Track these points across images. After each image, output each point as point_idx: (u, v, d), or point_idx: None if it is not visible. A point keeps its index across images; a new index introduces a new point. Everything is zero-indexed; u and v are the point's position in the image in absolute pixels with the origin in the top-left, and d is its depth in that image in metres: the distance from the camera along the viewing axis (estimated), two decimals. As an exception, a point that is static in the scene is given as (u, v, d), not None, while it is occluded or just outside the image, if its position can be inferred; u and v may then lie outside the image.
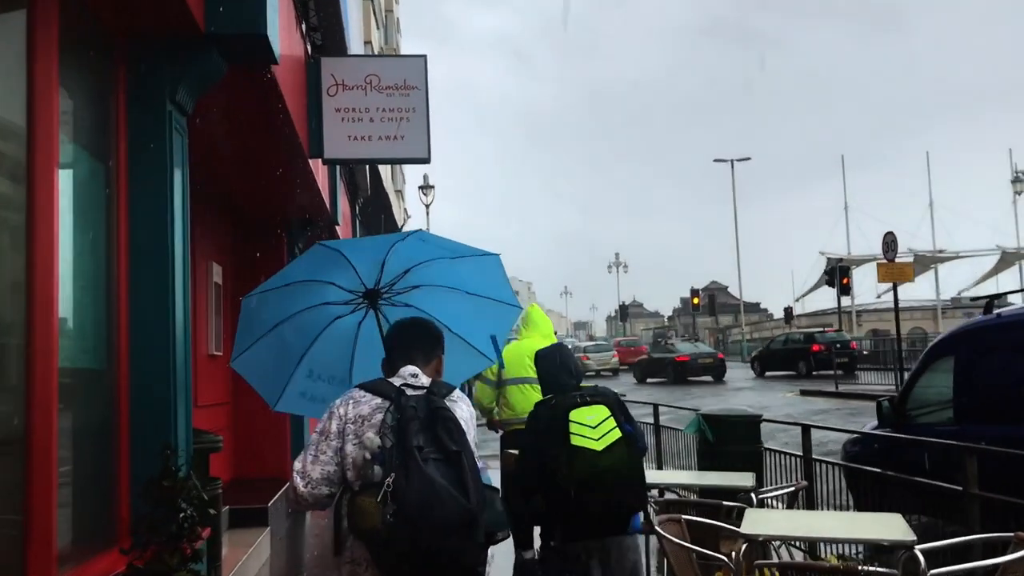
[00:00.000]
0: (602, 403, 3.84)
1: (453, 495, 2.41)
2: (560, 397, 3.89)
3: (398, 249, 3.51)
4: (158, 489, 3.33)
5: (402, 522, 2.36)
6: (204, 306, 8.17)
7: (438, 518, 2.38)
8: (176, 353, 4.22)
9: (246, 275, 9.38)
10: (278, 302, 3.65)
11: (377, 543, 2.43)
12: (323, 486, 2.64)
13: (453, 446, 2.51)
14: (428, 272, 3.66)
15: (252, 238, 9.50)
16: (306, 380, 3.76)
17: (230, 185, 8.10)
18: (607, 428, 3.73)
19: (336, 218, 10.16)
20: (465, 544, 2.45)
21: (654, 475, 6.81)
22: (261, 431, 9.34)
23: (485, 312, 3.83)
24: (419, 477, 2.40)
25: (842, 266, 34.87)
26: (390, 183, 28.32)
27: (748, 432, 7.41)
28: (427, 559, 2.41)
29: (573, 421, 3.71)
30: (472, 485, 2.47)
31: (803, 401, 21.01)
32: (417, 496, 2.38)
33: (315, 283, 3.59)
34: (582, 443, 3.66)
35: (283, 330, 3.63)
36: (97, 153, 4.04)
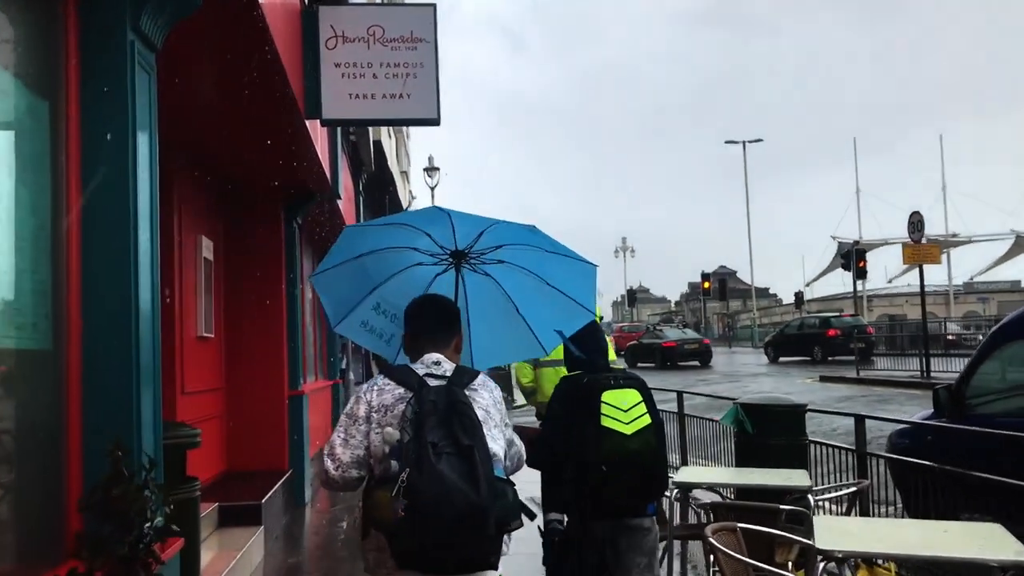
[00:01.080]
0: (635, 387, 3.83)
1: (463, 490, 2.46)
2: (592, 376, 3.85)
3: (501, 225, 3.48)
4: (104, 500, 2.63)
5: (413, 516, 2.43)
6: (193, 283, 7.47)
7: (447, 513, 2.43)
8: (140, 332, 3.50)
9: (240, 251, 8.69)
10: (374, 236, 3.69)
11: (393, 536, 2.51)
12: (353, 469, 2.73)
13: (466, 440, 2.55)
14: (518, 253, 3.66)
15: (246, 212, 8.77)
16: (371, 311, 3.77)
17: (219, 151, 7.38)
18: (638, 413, 3.73)
19: (337, 191, 9.43)
20: (475, 537, 2.51)
21: (692, 473, 6.09)
22: (257, 419, 8.66)
23: (559, 306, 3.79)
24: (431, 473, 2.45)
25: (859, 249, 34.18)
26: (395, 163, 27.58)
27: (791, 423, 6.70)
28: (438, 551, 2.50)
29: (606, 403, 3.70)
30: (483, 479, 2.50)
31: (823, 388, 20.25)
32: (428, 492, 2.43)
33: (413, 229, 3.58)
34: (613, 425, 3.66)
35: (366, 260, 3.64)
36: (38, 87, 3.32)
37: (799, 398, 16.77)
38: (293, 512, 8.56)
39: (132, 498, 2.65)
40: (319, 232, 11.64)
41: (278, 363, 8.81)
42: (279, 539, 7.48)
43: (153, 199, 3.78)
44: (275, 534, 7.47)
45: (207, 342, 7.91)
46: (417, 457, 2.48)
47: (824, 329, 29.77)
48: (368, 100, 6.61)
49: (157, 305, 3.77)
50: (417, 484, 2.44)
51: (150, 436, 3.57)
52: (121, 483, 2.67)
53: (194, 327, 7.49)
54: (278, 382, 8.80)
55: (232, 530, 6.67)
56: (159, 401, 3.75)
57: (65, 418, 3.25)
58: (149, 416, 3.60)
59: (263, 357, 8.74)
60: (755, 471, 5.65)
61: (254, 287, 8.76)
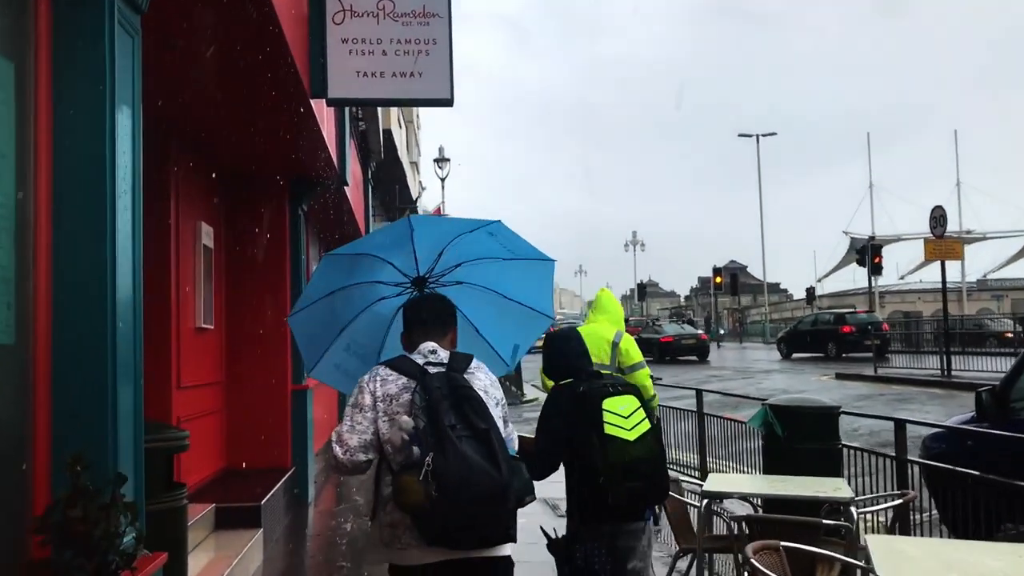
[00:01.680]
0: (632, 393, 3.84)
1: (486, 470, 2.62)
2: (587, 384, 3.83)
3: (462, 240, 3.63)
4: (62, 522, 2.24)
5: (444, 497, 2.56)
6: (191, 272, 7.09)
7: (475, 492, 2.59)
8: (118, 324, 3.11)
9: (242, 238, 8.31)
10: (344, 268, 3.75)
11: (422, 516, 2.62)
12: (360, 453, 2.83)
13: (482, 424, 2.71)
14: (476, 271, 3.75)
15: (249, 197, 8.38)
16: (343, 353, 3.80)
17: (220, 132, 6.99)
18: (638, 419, 3.75)
19: (345, 178, 9.04)
20: (499, 511, 2.69)
21: (721, 481, 5.68)
22: (259, 415, 8.29)
23: (516, 319, 3.91)
24: (455, 456, 2.60)
25: (874, 244, 33.66)
26: (405, 153, 27.19)
27: (824, 426, 6.29)
28: (467, 526, 2.66)
29: (607, 410, 3.69)
30: (502, 459, 2.68)
31: (839, 386, 19.79)
32: (456, 473, 2.58)
33: (378, 259, 3.66)
34: (616, 432, 3.66)
35: (335, 298, 3.71)
36: (1, 45, 2.93)
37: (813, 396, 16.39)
38: (296, 511, 8.20)
39: (95, 519, 2.26)
40: (326, 219, 11.25)
41: (281, 356, 8.43)
42: (279, 541, 7.12)
43: (135, 175, 3.38)
44: (275, 536, 7.10)
45: (206, 334, 7.54)
46: (439, 441, 2.63)
47: (838, 325, 29.28)
48: (377, 79, 6.20)
49: (139, 293, 3.38)
50: (443, 467, 2.58)
51: (128, 440, 3.18)
52: (82, 501, 2.28)
53: (192, 318, 7.12)
54: (281, 376, 8.43)
55: (229, 533, 6.31)
56: (140, 400, 3.36)
57: (31, 423, 2.87)
58: (128, 418, 3.21)
59: (265, 350, 8.37)
60: (789, 480, 5.24)
61: (257, 276, 8.39)
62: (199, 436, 7.20)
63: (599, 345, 5.92)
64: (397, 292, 3.74)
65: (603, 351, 5.90)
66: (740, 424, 9.13)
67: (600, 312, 6.18)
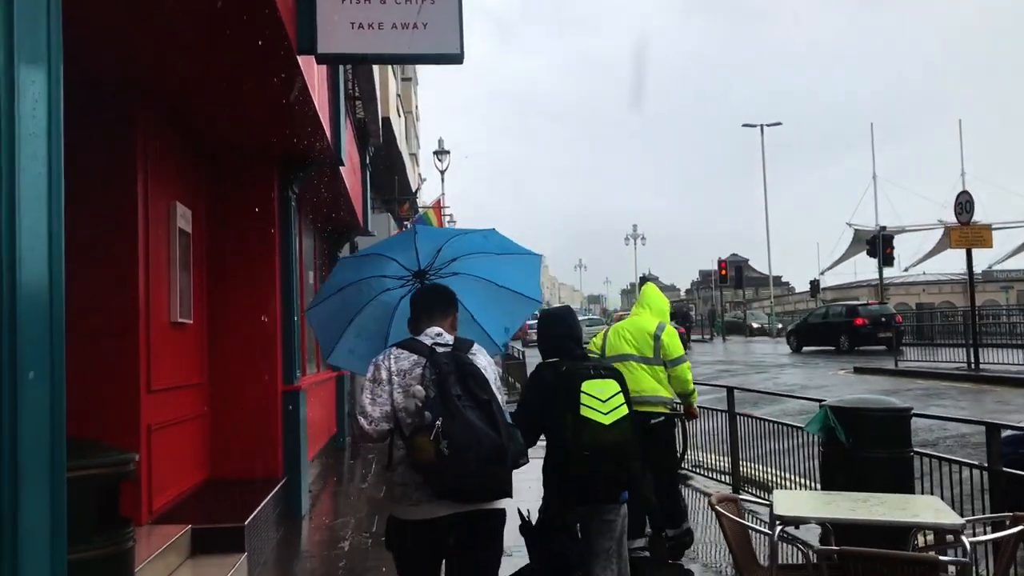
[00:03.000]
0: (613, 377, 3.86)
1: (488, 433, 3.04)
2: (571, 364, 3.90)
3: (458, 238, 4.11)
4: None
5: (454, 454, 2.94)
6: (164, 258, 6.23)
7: (479, 451, 2.98)
8: (19, 316, 2.25)
9: (225, 222, 7.46)
10: (355, 267, 4.27)
11: (433, 472, 3.00)
12: (383, 422, 3.16)
13: (484, 395, 3.13)
14: (470, 263, 4.11)
15: (233, 176, 7.52)
16: (354, 338, 4.16)
17: (195, 98, 6.13)
18: (616, 403, 3.77)
19: (340, 156, 8.17)
20: (499, 470, 3.08)
21: (792, 502, 4.79)
22: (246, 420, 7.44)
23: (506, 304, 4.23)
24: (462, 420, 3.01)
25: (885, 235, 32.80)
26: (404, 143, 26.33)
27: (894, 431, 5.45)
28: (472, 482, 3.04)
29: (585, 392, 3.74)
30: (501, 425, 3.10)
31: (860, 380, 18.93)
32: (462, 435, 2.98)
33: (384, 258, 4.12)
34: (591, 415, 3.70)
35: (346, 293, 4.13)
36: None
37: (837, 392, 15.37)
38: (287, 527, 7.34)
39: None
40: (320, 205, 10.37)
41: (271, 354, 7.57)
42: (268, 565, 6.25)
43: (53, 115, 2.51)
44: (263, 558, 6.24)
45: (183, 329, 6.68)
46: (447, 408, 3.00)
47: (851, 318, 28.40)
48: (375, 31, 5.33)
49: (59, 279, 2.50)
50: (452, 429, 2.95)
51: (40, 469, 2.32)
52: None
53: (166, 311, 6.26)
54: (271, 376, 7.57)
55: (208, 560, 5.46)
56: (61, 415, 2.49)
57: None
58: (41, 440, 2.35)
59: (253, 347, 7.52)
60: (872, 499, 4.37)
61: (242, 265, 7.53)
62: (175, 445, 6.35)
63: (642, 337, 5.89)
64: (400, 284, 4.11)
65: (646, 343, 5.86)
66: (772, 423, 8.32)
67: (644, 305, 6.18)
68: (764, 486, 8.41)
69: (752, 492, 8.36)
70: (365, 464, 11.11)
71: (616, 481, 3.83)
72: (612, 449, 3.72)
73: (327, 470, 10.62)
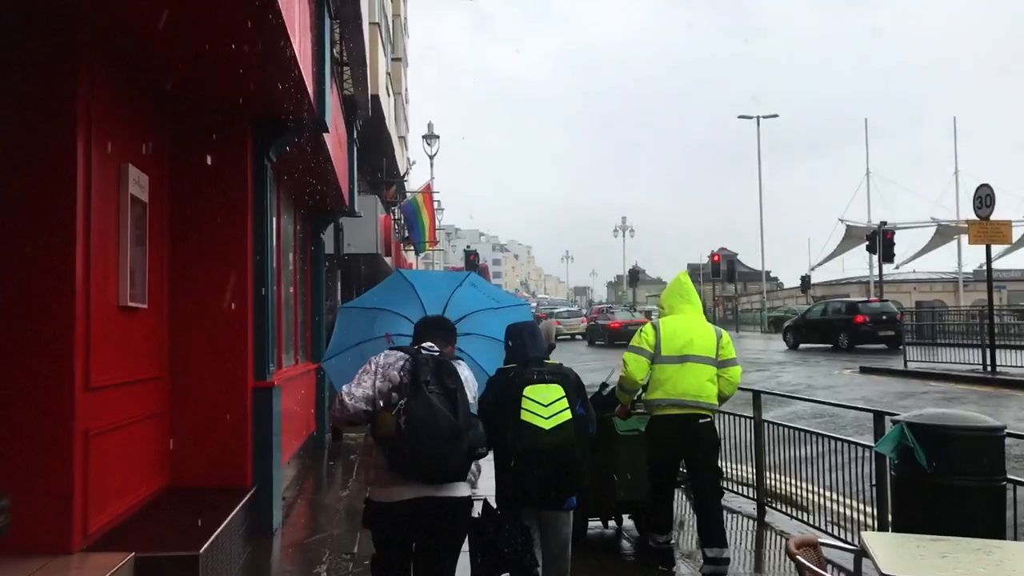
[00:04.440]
0: (558, 383, 3.91)
1: (446, 415, 3.36)
2: (518, 370, 4.00)
3: (458, 295, 4.69)
4: None
5: (410, 429, 3.30)
6: (113, 231, 5.23)
7: (435, 430, 3.31)
8: None
9: (192, 192, 6.46)
10: (367, 322, 4.78)
11: (393, 447, 3.35)
12: (362, 403, 3.48)
13: (451, 384, 3.49)
14: (478, 321, 4.73)
15: (200, 139, 6.48)
16: None
17: (150, 35, 5.10)
18: (558, 408, 3.82)
19: (324, 119, 7.15)
20: (453, 449, 3.37)
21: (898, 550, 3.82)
22: (212, 420, 6.45)
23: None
24: (423, 400, 3.36)
25: (885, 229, 32.06)
26: (392, 125, 25.31)
27: (987, 454, 4.55)
28: (427, 458, 3.33)
29: (526, 397, 3.83)
30: (461, 410, 3.43)
31: (868, 381, 18.06)
32: (421, 413, 3.33)
33: (393, 314, 4.67)
34: (530, 419, 3.78)
35: (365, 347, 4.57)
36: None
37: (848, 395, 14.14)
38: (256, 546, 6.36)
39: None
40: (302, 180, 9.34)
41: (240, 345, 6.58)
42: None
43: None
44: (224, 588, 5.27)
45: (136, 315, 5.67)
46: (413, 390, 3.40)
47: (851, 315, 27.57)
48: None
49: None
50: (412, 407, 3.35)
51: None
52: None
53: (113, 293, 5.26)
54: (240, 370, 6.58)
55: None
56: None
57: None
58: None
59: (220, 336, 6.53)
60: (1003, 554, 3.43)
61: (209, 241, 6.53)
62: (123, 452, 5.37)
63: (709, 337, 5.65)
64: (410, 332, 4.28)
65: (712, 343, 5.63)
66: (794, 431, 7.42)
67: (688, 301, 5.83)
68: (792, 501, 7.53)
69: (779, 508, 7.47)
70: (346, 467, 10.13)
71: (555, 486, 3.85)
72: (551, 453, 3.74)
73: (304, 473, 9.63)
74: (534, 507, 3.98)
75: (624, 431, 6.16)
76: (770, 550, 6.70)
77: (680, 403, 5.49)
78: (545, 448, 3.73)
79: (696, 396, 5.50)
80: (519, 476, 3.80)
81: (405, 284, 4.73)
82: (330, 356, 4.72)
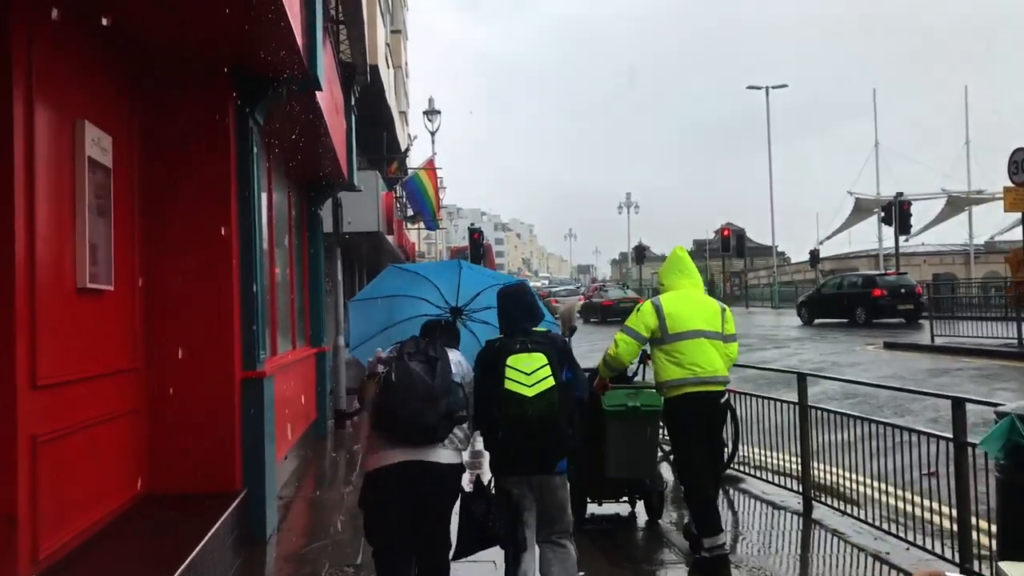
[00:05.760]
0: (541, 351, 3.93)
1: (423, 379, 3.60)
2: (503, 340, 4.08)
3: (465, 277, 4.80)
4: None
5: (388, 390, 3.61)
6: (67, 200, 4.43)
7: (411, 393, 3.57)
8: None
9: (167, 157, 5.65)
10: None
11: (375, 408, 3.68)
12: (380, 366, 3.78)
13: (433, 354, 3.72)
14: (491, 295, 4.60)
15: (174, 95, 5.68)
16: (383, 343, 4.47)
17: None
18: (541, 376, 3.86)
19: (316, 74, 6.32)
20: (429, 409, 3.56)
21: None
22: (195, 416, 5.70)
23: None
24: (402, 366, 3.63)
25: (902, 200, 31.14)
26: (393, 98, 24.43)
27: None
28: (403, 417, 3.57)
29: (509, 366, 3.88)
30: (439, 375, 3.63)
31: (894, 358, 17.24)
32: (400, 378, 3.60)
33: (411, 298, 4.80)
34: (514, 388, 3.83)
35: (395, 301, 4.83)
36: None
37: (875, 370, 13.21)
38: (246, 557, 5.61)
39: None
40: (294, 148, 8.51)
41: (226, 331, 5.79)
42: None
43: None
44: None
45: (99, 298, 4.88)
46: (397, 361, 3.67)
47: (869, 288, 26.74)
48: None
49: None
50: (392, 374, 3.62)
51: None
52: None
53: (69, 272, 4.46)
54: (226, 359, 5.80)
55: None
56: None
57: None
58: None
59: (203, 322, 5.75)
60: None
61: (189, 213, 5.74)
62: (84, 459, 4.62)
63: (714, 311, 5.55)
64: (437, 312, 4.68)
65: (717, 318, 5.52)
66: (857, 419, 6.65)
67: (688, 275, 5.67)
68: (840, 494, 6.77)
69: (827, 503, 6.70)
70: (350, 459, 9.38)
71: (541, 452, 3.90)
72: (536, 420, 3.79)
73: (304, 467, 8.88)
74: (526, 474, 4.04)
75: (610, 407, 5.95)
76: (820, 552, 5.95)
77: (700, 380, 5.34)
78: (529, 416, 3.79)
79: (714, 372, 5.38)
80: (505, 444, 3.90)
81: (408, 274, 5.06)
82: (356, 346, 4.88)
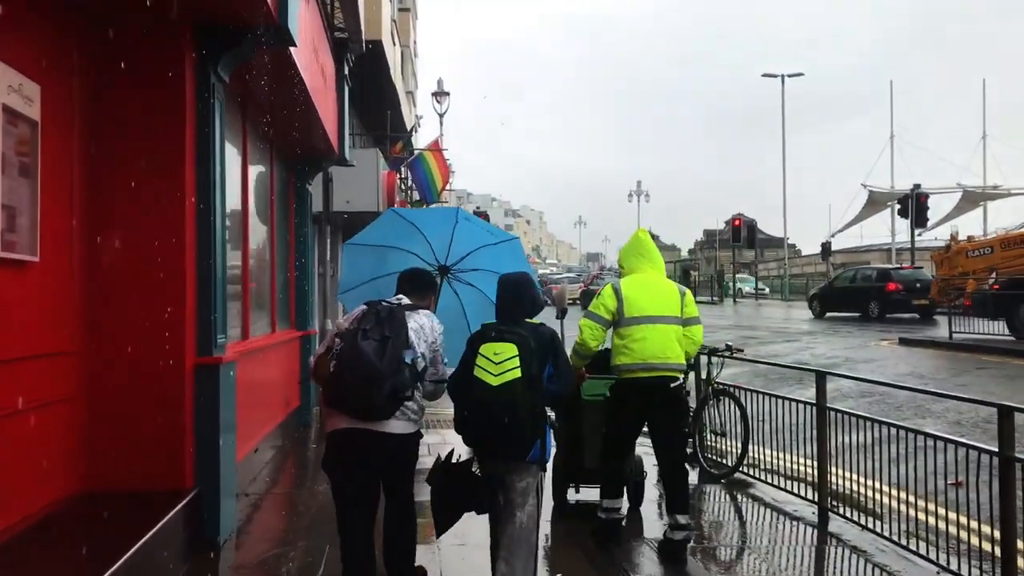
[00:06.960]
0: (513, 342, 3.96)
1: (370, 359, 3.75)
2: (488, 326, 4.13)
3: (459, 233, 5.13)
4: None
5: (337, 370, 3.83)
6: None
7: (358, 373, 3.77)
8: None
9: (112, 113, 5.05)
10: (376, 259, 5.24)
11: (325, 385, 3.93)
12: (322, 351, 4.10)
13: (388, 332, 3.86)
14: (482, 258, 5.13)
15: (120, 46, 5.02)
16: (371, 292, 4.99)
17: None
18: (508, 366, 3.89)
19: (286, 26, 5.65)
20: (374, 390, 3.76)
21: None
22: (142, 406, 5.08)
23: None
24: (353, 346, 3.81)
25: (919, 193, 30.38)
26: (399, 78, 23.77)
27: None
28: (349, 397, 3.83)
29: (481, 354, 3.96)
30: (388, 356, 3.80)
31: (913, 354, 16.54)
32: (348, 356, 3.80)
33: (401, 251, 5.08)
34: (481, 375, 3.91)
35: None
36: None
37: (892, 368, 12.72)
38: (195, 563, 5.00)
39: None
40: (274, 113, 7.85)
41: (177, 311, 5.15)
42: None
43: None
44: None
45: (20, 271, 4.24)
46: (351, 338, 3.85)
47: (883, 282, 26.05)
48: None
49: None
50: (343, 352, 3.83)
51: None
52: None
53: (-24, 238, 3.83)
54: (176, 342, 5.16)
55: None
56: None
57: None
58: None
59: (151, 301, 5.11)
60: None
61: (136, 176, 5.08)
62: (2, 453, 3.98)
63: (672, 295, 5.58)
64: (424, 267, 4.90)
65: (676, 301, 5.57)
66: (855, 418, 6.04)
67: (649, 259, 5.72)
68: (860, 504, 6.14)
69: (844, 514, 6.07)
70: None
71: (501, 440, 3.91)
72: (497, 409, 3.83)
73: (280, 460, 8.26)
74: (494, 459, 4.07)
75: (589, 396, 6.08)
76: (836, 571, 5.32)
77: (648, 366, 5.39)
78: (491, 403, 3.85)
79: (664, 358, 5.43)
80: (467, 427, 4.02)
81: (404, 222, 5.22)
82: (344, 291, 5.20)
